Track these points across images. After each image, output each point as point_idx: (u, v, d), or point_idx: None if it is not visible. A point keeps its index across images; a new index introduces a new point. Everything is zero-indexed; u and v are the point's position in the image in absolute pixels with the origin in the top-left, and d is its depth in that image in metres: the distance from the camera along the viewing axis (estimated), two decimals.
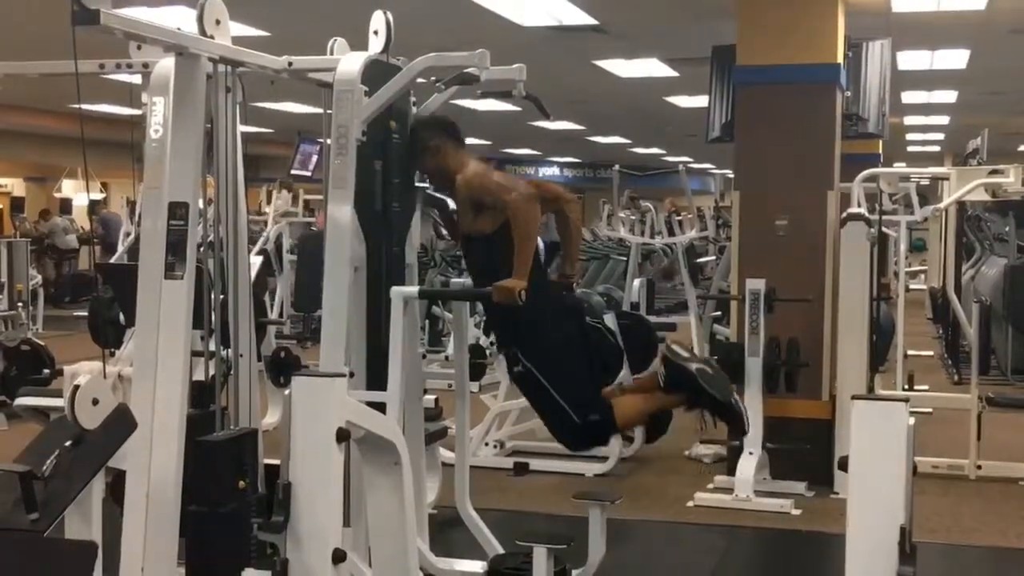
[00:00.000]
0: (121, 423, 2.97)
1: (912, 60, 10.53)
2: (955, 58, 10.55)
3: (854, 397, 2.57)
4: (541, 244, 4.42)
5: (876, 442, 2.52)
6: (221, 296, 3.68)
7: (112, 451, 2.98)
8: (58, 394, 4.11)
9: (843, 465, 2.57)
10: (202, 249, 3.66)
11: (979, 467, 6.94)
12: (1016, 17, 8.45)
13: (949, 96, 13.55)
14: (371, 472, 3.16)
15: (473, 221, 4.23)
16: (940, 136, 19.35)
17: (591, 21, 8.57)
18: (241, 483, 3.12)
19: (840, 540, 2.77)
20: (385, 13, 4.04)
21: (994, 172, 7.02)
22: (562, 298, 4.40)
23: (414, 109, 4.33)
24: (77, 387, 2.91)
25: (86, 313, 7.10)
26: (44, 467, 2.88)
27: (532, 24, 8.60)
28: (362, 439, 2.95)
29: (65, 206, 22.19)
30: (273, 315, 11.31)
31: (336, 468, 2.66)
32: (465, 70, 3.89)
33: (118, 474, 3.39)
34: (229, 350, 3.72)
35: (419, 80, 3.96)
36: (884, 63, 7.79)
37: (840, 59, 7.07)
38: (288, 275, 12.05)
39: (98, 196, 20.11)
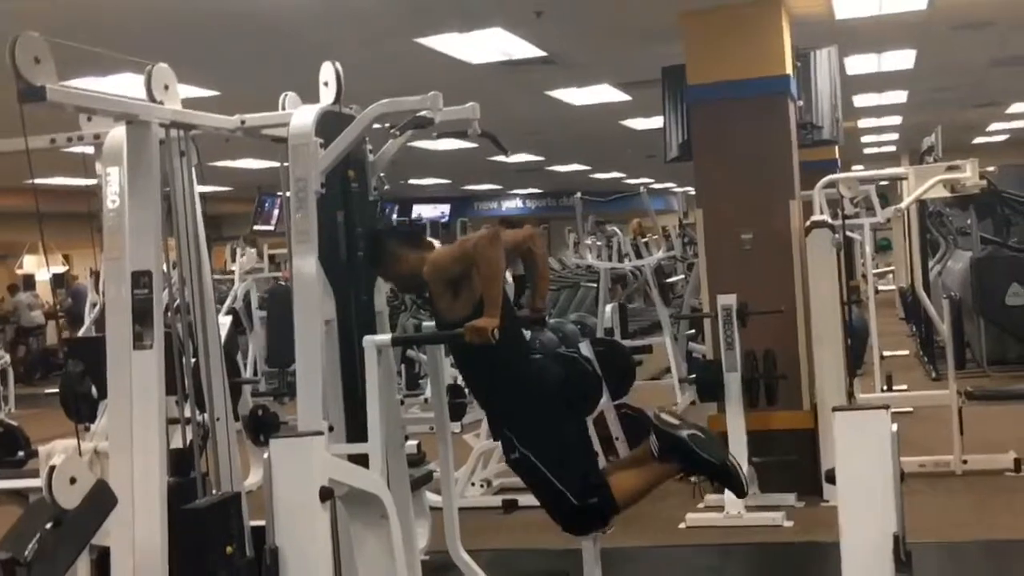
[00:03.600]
0: (101, 500, 2.92)
1: (860, 64, 10.62)
2: (902, 59, 10.65)
3: (835, 409, 2.57)
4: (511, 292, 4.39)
5: (861, 453, 2.51)
6: (192, 360, 3.64)
7: (94, 529, 2.93)
8: (35, 475, 4.06)
9: (831, 477, 2.56)
10: (169, 313, 3.62)
11: (965, 462, 6.96)
12: (957, 13, 8.54)
13: (900, 96, 13.68)
14: (358, 528, 3.12)
15: (452, 306, 4.14)
16: (895, 136, 19.51)
17: (540, 53, 8.60)
18: (228, 549, 3.08)
19: (834, 548, 2.76)
20: (334, 64, 4.03)
21: (951, 168, 7.08)
22: (552, 374, 4.35)
23: (371, 157, 4.31)
24: (54, 467, 2.86)
25: (57, 389, 6.99)
26: (26, 552, 2.83)
27: (482, 61, 8.62)
28: (346, 495, 2.92)
29: (28, 282, 21.99)
30: (247, 373, 11.21)
31: (322, 528, 2.63)
32: (419, 113, 3.87)
33: (102, 551, 3.33)
34: (205, 414, 3.68)
35: (374, 126, 3.95)
36: (833, 70, 7.86)
37: (789, 70, 7.13)
38: (259, 332, 11.97)
39: (60, 269, 19.96)
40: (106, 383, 3.34)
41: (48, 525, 2.88)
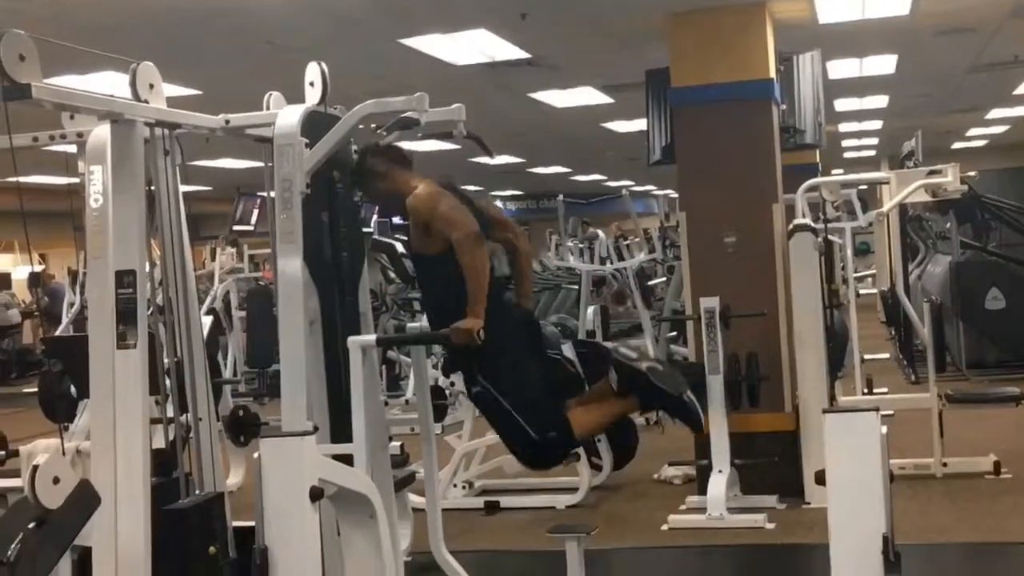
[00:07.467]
0: (85, 499, 2.90)
1: (842, 68, 10.66)
2: (883, 63, 10.69)
3: (825, 411, 2.57)
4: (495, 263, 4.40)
5: (851, 454, 2.51)
6: (175, 359, 3.62)
7: (78, 529, 2.90)
8: (15, 475, 4.02)
9: (820, 479, 2.56)
10: (151, 313, 3.59)
11: (945, 464, 6.99)
12: (940, 20, 8.58)
13: (881, 101, 13.74)
14: (347, 528, 3.10)
15: (423, 242, 4.26)
16: (875, 140, 19.60)
17: (524, 55, 8.60)
18: (212, 549, 3.06)
19: (817, 550, 2.77)
20: (319, 64, 4.01)
21: (933, 172, 7.10)
22: (517, 315, 4.39)
23: (355, 157, 4.30)
24: (37, 467, 2.83)
25: (35, 389, 6.95)
26: (9, 552, 2.80)
27: (465, 63, 8.61)
28: (335, 495, 2.90)
29: (4, 281, 21.80)
30: (227, 374, 11.18)
31: (312, 527, 2.61)
32: (405, 114, 3.86)
33: (84, 551, 3.30)
34: (187, 414, 3.65)
35: (359, 127, 3.93)
36: (815, 74, 7.88)
37: (773, 74, 7.15)
38: (239, 332, 11.94)
39: (38, 268, 19.82)
40: (86, 382, 3.31)
41: (31, 525, 2.85)
